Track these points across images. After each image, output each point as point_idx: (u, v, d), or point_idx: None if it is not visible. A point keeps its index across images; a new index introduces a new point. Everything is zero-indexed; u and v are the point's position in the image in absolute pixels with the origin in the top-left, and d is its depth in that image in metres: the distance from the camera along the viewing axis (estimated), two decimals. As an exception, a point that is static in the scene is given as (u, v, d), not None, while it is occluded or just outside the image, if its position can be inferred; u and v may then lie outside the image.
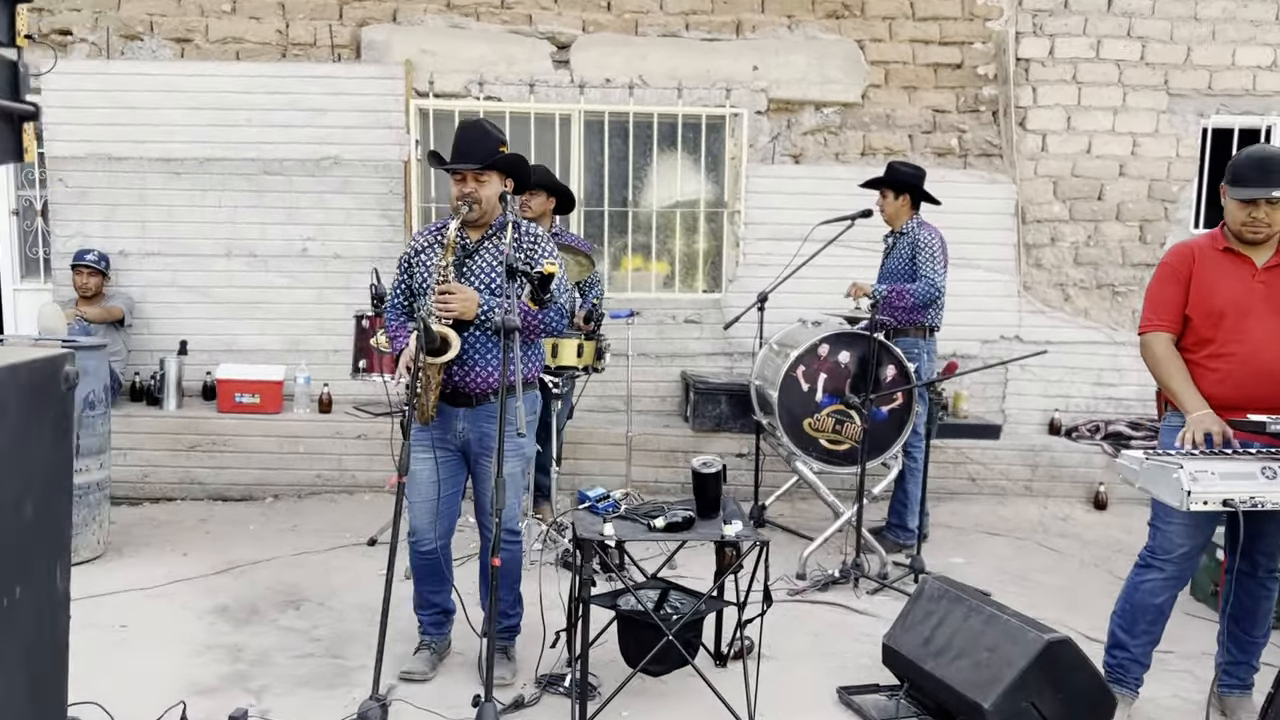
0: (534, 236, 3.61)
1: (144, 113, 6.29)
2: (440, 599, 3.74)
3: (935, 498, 6.48)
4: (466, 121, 3.62)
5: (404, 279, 3.69)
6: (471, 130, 3.58)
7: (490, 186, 3.52)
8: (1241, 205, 3.34)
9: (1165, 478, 2.94)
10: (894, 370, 5.10)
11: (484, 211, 3.54)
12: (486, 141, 3.53)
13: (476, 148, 3.51)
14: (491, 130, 3.58)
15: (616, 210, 6.85)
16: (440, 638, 3.79)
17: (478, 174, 3.51)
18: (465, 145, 3.54)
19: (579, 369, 5.04)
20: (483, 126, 3.59)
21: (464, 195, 3.51)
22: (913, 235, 5.38)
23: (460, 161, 3.50)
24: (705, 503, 3.78)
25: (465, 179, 3.52)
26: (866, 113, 6.89)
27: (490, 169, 3.52)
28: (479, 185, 3.52)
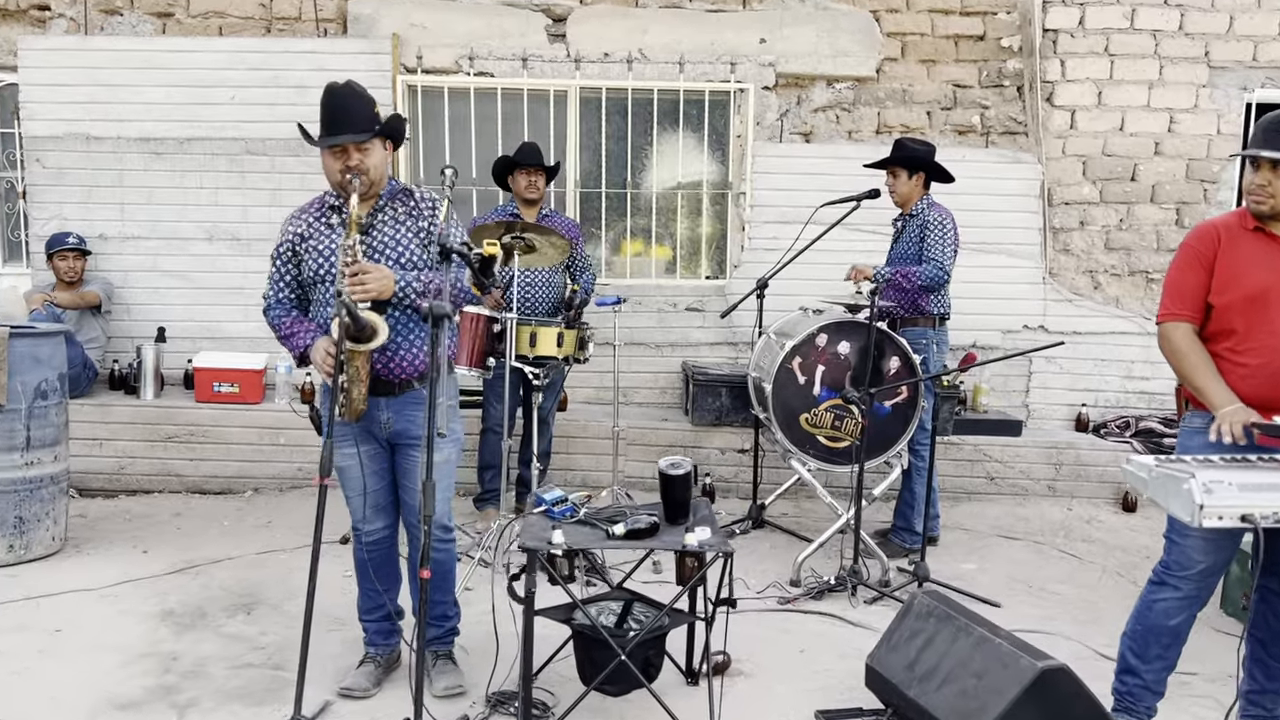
0: (431, 202, 3.32)
1: (123, 90, 6.06)
2: (389, 599, 3.45)
3: (951, 498, 6.10)
4: (335, 86, 3.23)
5: (288, 270, 3.34)
6: (344, 97, 3.20)
7: (374, 154, 3.20)
8: (1250, 169, 2.98)
9: (1176, 489, 2.56)
10: (898, 362, 4.73)
11: (373, 182, 3.22)
12: (362, 107, 3.19)
13: (354, 116, 3.17)
14: (364, 93, 3.25)
15: (615, 192, 6.51)
16: (387, 649, 3.50)
17: (360, 144, 3.18)
18: (341, 114, 3.18)
19: (559, 359, 4.72)
20: (354, 90, 3.23)
21: (349, 169, 3.16)
22: (923, 216, 5.00)
23: (340, 132, 3.16)
24: (673, 507, 3.45)
25: (347, 151, 3.16)
26: (881, 88, 6.49)
27: (375, 136, 3.20)
28: (364, 155, 3.18)
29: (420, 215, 3.28)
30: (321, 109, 3.19)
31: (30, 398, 4.47)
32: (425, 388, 3.25)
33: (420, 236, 3.27)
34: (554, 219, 5.37)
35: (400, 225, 3.27)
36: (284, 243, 3.33)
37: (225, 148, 6.14)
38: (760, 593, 4.54)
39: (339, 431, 3.32)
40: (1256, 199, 2.98)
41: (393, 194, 3.30)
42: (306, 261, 3.27)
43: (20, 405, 4.43)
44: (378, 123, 3.20)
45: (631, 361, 6.48)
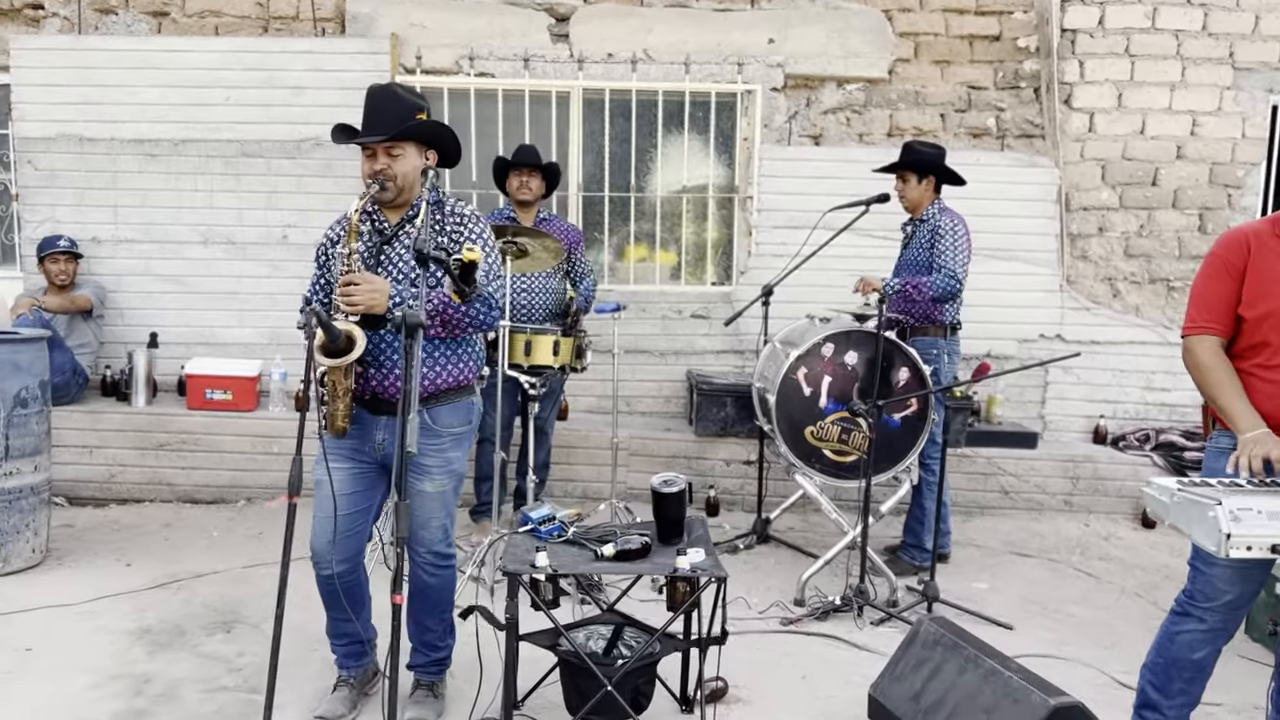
0: (460, 217, 3.14)
1: (117, 91, 5.94)
2: (353, 628, 3.29)
3: (964, 513, 5.90)
4: (375, 87, 3.14)
5: (321, 275, 3.23)
6: (381, 97, 3.09)
7: (406, 160, 3.05)
8: None
9: (1200, 516, 2.37)
10: (907, 373, 4.54)
11: (400, 189, 3.07)
12: (398, 108, 3.05)
13: (386, 116, 3.04)
14: (405, 96, 3.11)
15: (619, 196, 6.35)
16: (359, 670, 3.34)
17: (389, 147, 3.04)
18: (374, 114, 3.07)
19: (555, 368, 4.55)
20: (394, 91, 3.12)
21: (375, 173, 3.04)
22: (934, 222, 4.81)
23: (369, 133, 3.03)
24: (665, 526, 3.29)
25: (376, 153, 3.05)
26: (894, 89, 6.31)
27: (404, 140, 3.05)
28: (392, 160, 3.04)
29: (443, 230, 3.11)
30: (364, 109, 3.10)
31: (9, 406, 4.33)
32: (428, 410, 3.11)
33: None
34: (551, 223, 5.21)
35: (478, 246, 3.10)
36: (320, 246, 3.23)
37: (220, 149, 6.01)
38: (763, 613, 4.36)
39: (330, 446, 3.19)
40: None
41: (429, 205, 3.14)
42: (333, 267, 3.14)
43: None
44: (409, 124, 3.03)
45: (635, 370, 6.31)
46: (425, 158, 3.14)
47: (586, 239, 6.36)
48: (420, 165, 3.11)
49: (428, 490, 3.18)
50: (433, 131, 3.13)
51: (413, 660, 3.39)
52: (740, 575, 4.82)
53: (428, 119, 3.15)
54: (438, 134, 3.16)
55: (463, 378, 3.20)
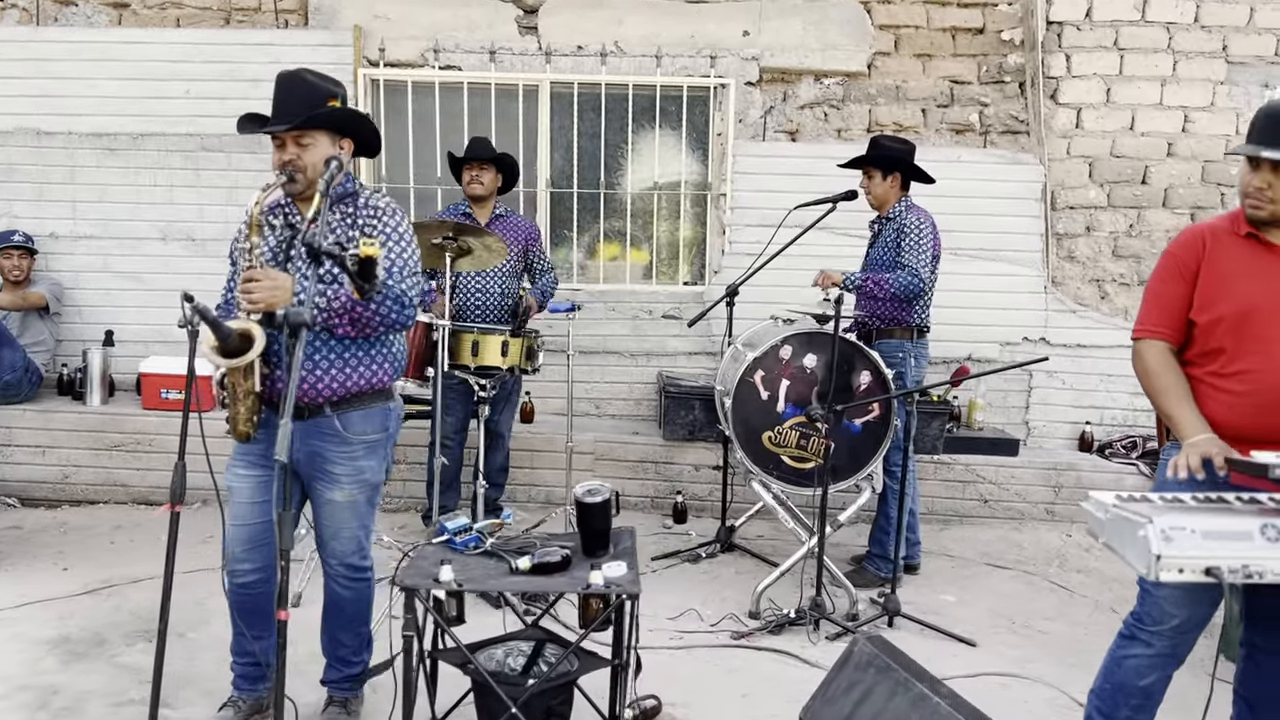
0: (374, 210, 2.98)
1: (76, 84, 5.82)
2: (260, 647, 3.13)
3: (941, 521, 5.72)
4: (283, 74, 2.97)
5: (236, 272, 3.09)
6: (289, 84, 2.94)
7: (317, 150, 2.90)
8: (1246, 169, 2.59)
9: (1131, 535, 2.18)
10: (869, 377, 4.35)
11: (310, 181, 2.91)
12: (308, 95, 2.90)
13: (294, 103, 2.88)
14: (316, 82, 2.95)
15: (588, 192, 6.18)
16: (251, 694, 3.16)
17: (298, 136, 2.89)
18: (282, 102, 2.92)
19: (504, 370, 4.39)
20: (303, 77, 2.95)
21: (283, 164, 2.89)
22: (900, 220, 4.63)
23: (277, 121, 2.88)
24: (590, 538, 3.12)
25: (285, 143, 2.91)
26: (873, 84, 6.11)
27: (312, 128, 2.89)
28: (301, 150, 2.90)
29: (354, 224, 2.95)
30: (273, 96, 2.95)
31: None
32: (339, 414, 2.96)
33: (350, 245, 2.94)
34: (508, 219, 5.05)
35: (333, 234, 2.95)
36: (232, 241, 3.11)
37: (180, 144, 5.88)
38: (714, 625, 4.19)
39: (238, 451, 3.07)
40: (1254, 203, 2.59)
41: (339, 198, 2.98)
42: (239, 264, 2.99)
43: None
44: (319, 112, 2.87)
45: (605, 371, 6.14)
46: (339, 147, 2.99)
47: (555, 236, 6.20)
48: (330, 154, 2.95)
49: (337, 500, 3.04)
50: (345, 119, 2.98)
51: (326, 675, 3.24)
52: (697, 585, 4.64)
53: (341, 106, 3.00)
54: (351, 122, 3.00)
55: (377, 381, 3.03)
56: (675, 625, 4.17)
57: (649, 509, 5.77)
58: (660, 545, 5.20)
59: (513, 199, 6.10)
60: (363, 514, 3.09)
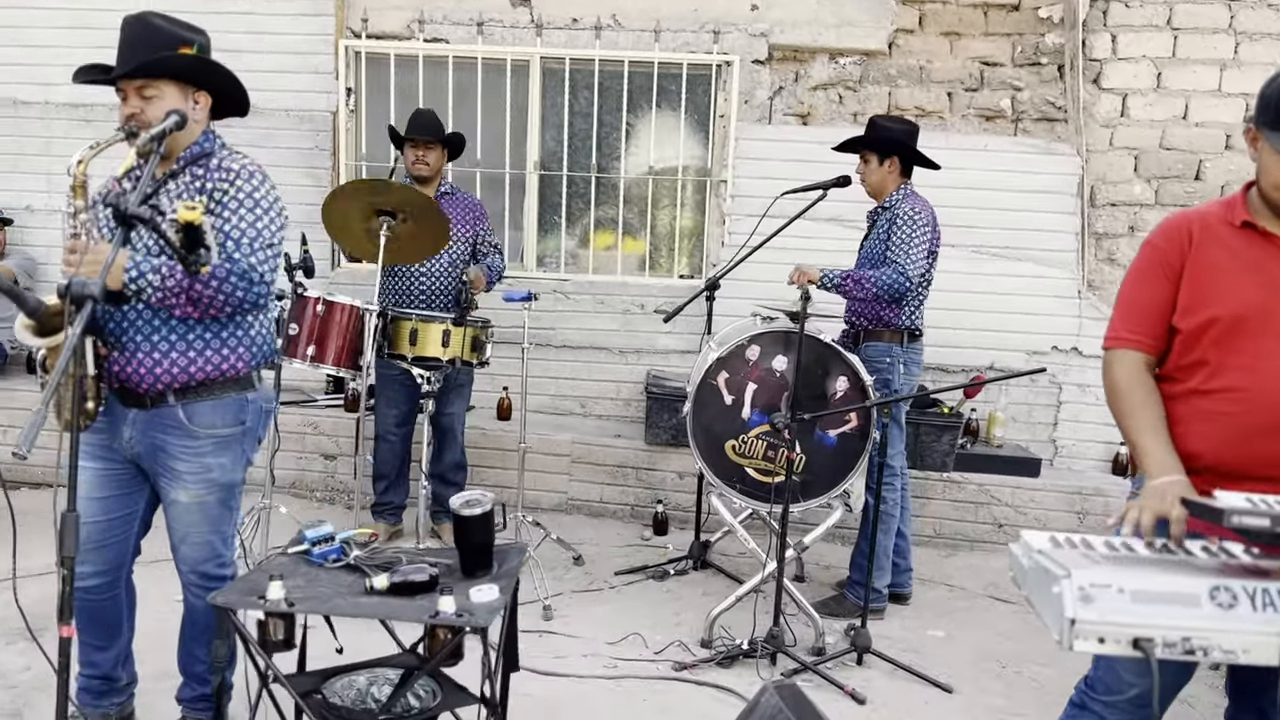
0: (228, 173, 2.62)
1: (51, 52, 5.63)
2: (103, 659, 2.81)
3: (947, 546, 5.20)
4: (129, 17, 2.61)
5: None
6: (134, 28, 2.57)
7: (163, 103, 2.55)
8: (1270, 151, 2.08)
9: (1045, 590, 1.71)
10: (846, 383, 3.87)
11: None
12: (154, 39, 2.55)
13: (139, 50, 2.54)
14: (166, 26, 2.59)
15: (579, 176, 5.77)
16: (96, 710, 2.84)
17: (140, 86, 2.55)
18: (126, 48, 2.57)
19: (443, 361, 4.02)
20: (150, 21, 2.58)
21: (126, 118, 2.56)
22: (894, 209, 4.13)
23: (117, 71, 2.54)
24: (469, 555, 2.72)
25: (127, 95, 2.57)
26: (894, 64, 5.59)
27: (154, 77, 2.54)
28: (145, 102, 2.55)
29: (204, 188, 2.60)
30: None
31: None
32: (183, 405, 2.62)
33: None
34: (456, 198, 4.68)
35: (179, 200, 2.62)
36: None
37: (158, 116, 5.64)
38: (659, 653, 3.76)
39: (83, 440, 2.74)
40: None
41: (193, 159, 2.64)
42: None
43: None
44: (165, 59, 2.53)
45: (591, 368, 5.74)
46: (193, 101, 2.64)
47: (544, 223, 5.82)
48: (186, 109, 2.60)
49: (182, 501, 2.69)
50: (191, 68, 2.61)
51: (180, 693, 2.91)
52: (653, 606, 4.22)
53: (195, 54, 2.64)
54: (200, 71, 2.63)
55: (229, 368, 2.67)
56: (614, 651, 3.76)
57: (628, 518, 5.35)
58: (630, 559, 4.79)
59: (498, 180, 5.74)
60: (215, 517, 2.74)
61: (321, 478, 5.44)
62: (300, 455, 5.41)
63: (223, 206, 2.59)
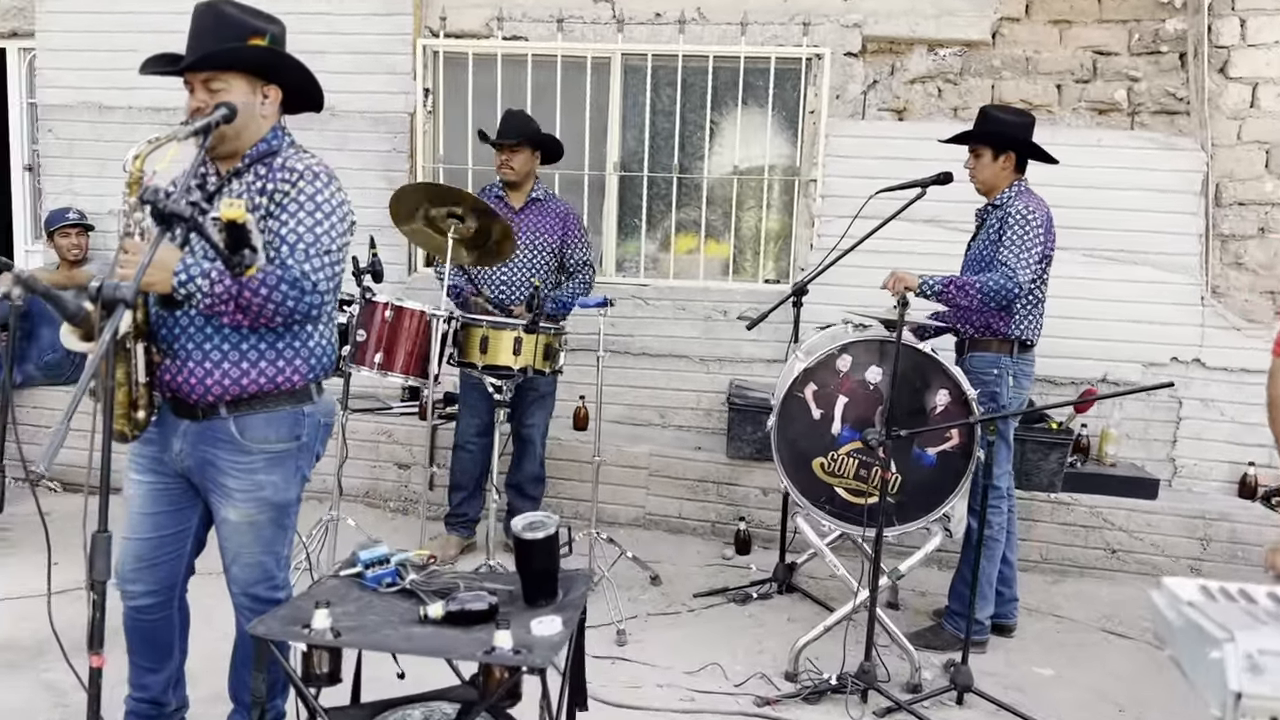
0: (291, 174, 2.44)
1: (135, 56, 5.53)
2: (154, 681, 2.67)
3: (1055, 573, 4.82)
4: (200, 5, 2.46)
5: None
6: (205, 17, 2.43)
7: (229, 96, 2.39)
8: None
9: (1200, 655, 1.40)
10: (947, 397, 3.56)
11: (223, 134, 2.41)
12: (225, 31, 2.39)
13: (207, 41, 2.38)
14: (237, 16, 2.42)
15: (661, 176, 5.54)
16: None
17: (207, 79, 2.39)
18: (194, 39, 2.42)
19: (516, 370, 3.82)
20: (222, 10, 2.42)
21: (191, 112, 2.40)
22: (1005, 207, 3.80)
23: (184, 62, 2.39)
24: (532, 582, 2.50)
25: (194, 87, 2.42)
26: (998, 55, 5.23)
27: (220, 69, 2.38)
28: (211, 95, 2.39)
29: (265, 189, 2.43)
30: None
31: (-76, 382, 3.99)
32: (235, 418, 2.47)
33: (256, 213, 2.44)
34: (546, 204, 4.48)
35: (244, 196, 2.47)
36: None
37: (237, 119, 5.60)
38: (739, 685, 3.50)
39: (134, 451, 2.62)
40: None
41: (259, 157, 2.48)
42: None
43: (-89, 391, 3.95)
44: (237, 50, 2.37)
45: (671, 377, 5.50)
46: (262, 95, 2.48)
47: (623, 226, 5.60)
48: (250, 100, 2.44)
49: (232, 519, 2.53)
50: (260, 59, 2.43)
51: (237, 729, 2.75)
52: (735, 633, 3.96)
53: (266, 45, 2.47)
54: (269, 63, 2.46)
55: (284, 380, 2.50)
56: (691, 682, 3.51)
57: (709, 535, 5.10)
58: (710, 580, 4.53)
59: (576, 182, 5.54)
60: (267, 538, 2.58)
61: (395, 487, 5.31)
62: (374, 464, 5.28)
63: (281, 209, 2.41)
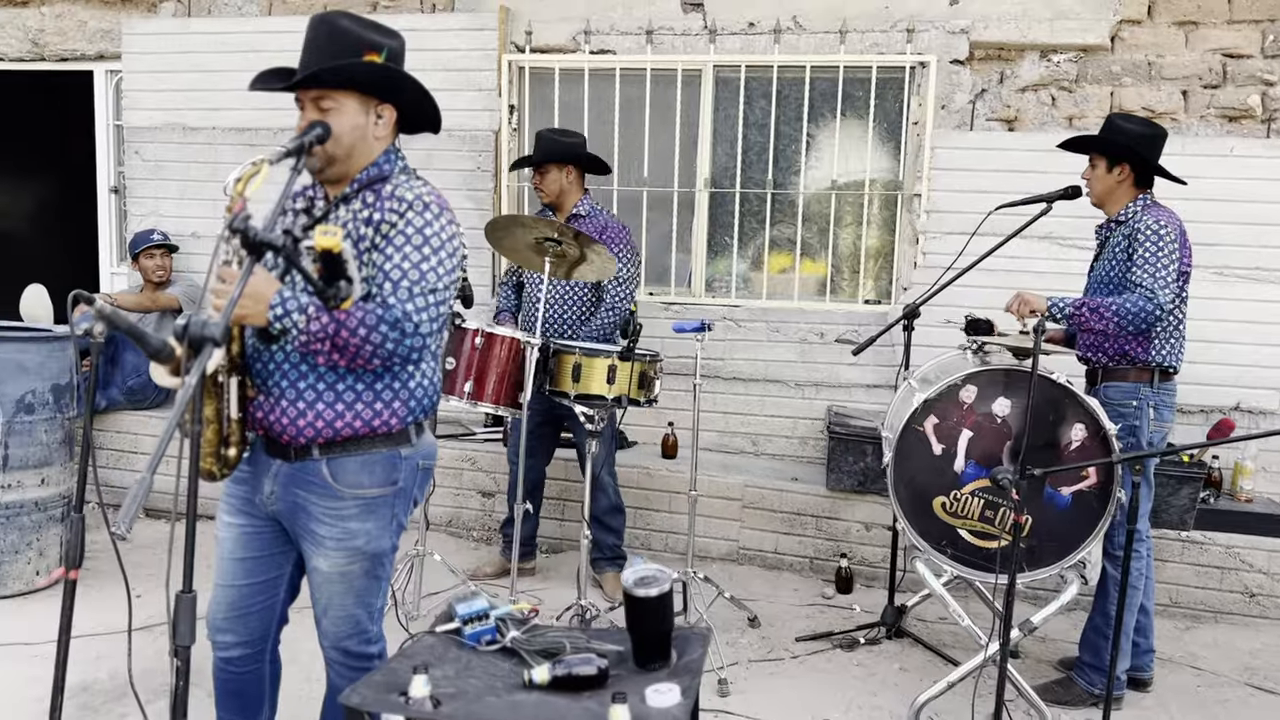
0: (400, 203, 2.22)
1: (220, 76, 5.57)
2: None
3: (1188, 618, 4.45)
4: (315, 18, 2.27)
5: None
6: (319, 31, 2.23)
7: (342, 116, 2.21)
8: None
9: None
10: (1083, 432, 3.25)
11: (331, 156, 2.23)
12: (338, 44, 2.20)
13: (320, 56, 2.19)
14: (351, 29, 2.22)
15: (753, 192, 5.29)
16: None
17: (318, 97, 2.21)
18: (307, 55, 2.24)
19: (609, 400, 3.61)
20: (337, 24, 2.22)
21: (309, 127, 2.21)
22: (1133, 224, 3.48)
23: (297, 78, 2.22)
24: (644, 644, 2.26)
25: (304, 105, 2.24)
26: (1117, 59, 4.90)
27: (330, 86, 2.20)
28: (322, 114, 2.21)
29: (372, 220, 2.23)
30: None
31: (10, 411, 3.90)
32: (328, 460, 2.28)
33: (361, 245, 2.23)
34: (587, 220, 4.25)
35: (348, 226, 2.26)
36: None
37: (320, 139, 5.50)
38: (855, 746, 3.22)
39: (223, 491, 2.46)
40: None
41: (368, 182, 2.28)
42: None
43: (-5, 419, 3.87)
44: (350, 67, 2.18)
45: (764, 403, 5.24)
46: (375, 115, 2.29)
47: (714, 244, 5.37)
48: (359, 122, 2.24)
49: (322, 569, 2.34)
50: (373, 77, 2.23)
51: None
52: (844, 683, 3.68)
53: (381, 62, 2.27)
54: (386, 82, 2.25)
55: (381, 424, 2.30)
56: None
57: (806, 572, 4.82)
58: (811, 621, 4.26)
59: (665, 199, 5.33)
60: (360, 589, 2.38)
61: (478, 516, 5.13)
62: (457, 492, 5.11)
63: (387, 241, 2.21)
